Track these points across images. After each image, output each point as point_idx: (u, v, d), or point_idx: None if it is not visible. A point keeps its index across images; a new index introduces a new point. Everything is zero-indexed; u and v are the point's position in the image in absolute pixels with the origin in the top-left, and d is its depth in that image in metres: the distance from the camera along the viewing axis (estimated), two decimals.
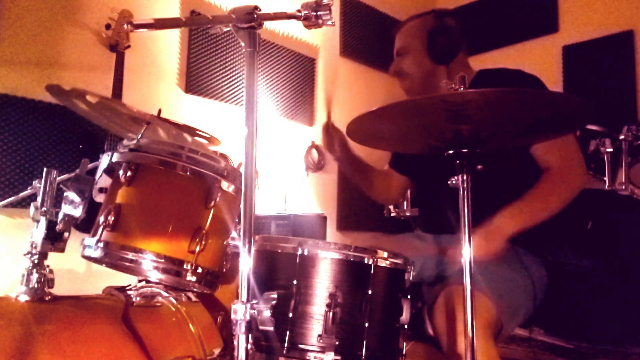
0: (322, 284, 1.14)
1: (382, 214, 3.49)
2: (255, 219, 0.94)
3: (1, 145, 2.42)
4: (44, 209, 1.21)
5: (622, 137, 2.41)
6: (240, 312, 0.89)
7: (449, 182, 1.16)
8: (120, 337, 1.14)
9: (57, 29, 2.67)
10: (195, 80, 3.20)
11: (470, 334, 1.07)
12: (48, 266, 1.20)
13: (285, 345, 1.10)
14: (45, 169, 1.25)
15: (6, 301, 1.14)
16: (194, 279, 1.20)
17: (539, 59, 3.78)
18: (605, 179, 2.36)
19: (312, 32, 3.74)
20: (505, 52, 3.98)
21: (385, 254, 1.19)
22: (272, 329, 0.97)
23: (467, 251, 1.11)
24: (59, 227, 1.22)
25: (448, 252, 1.37)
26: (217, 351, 1.28)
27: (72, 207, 1.24)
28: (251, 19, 0.97)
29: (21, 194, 1.78)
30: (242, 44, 0.99)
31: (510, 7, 4.06)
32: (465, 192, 1.13)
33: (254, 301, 0.91)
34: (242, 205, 0.94)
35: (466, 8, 4.19)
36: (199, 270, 1.21)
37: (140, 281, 1.40)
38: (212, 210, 1.23)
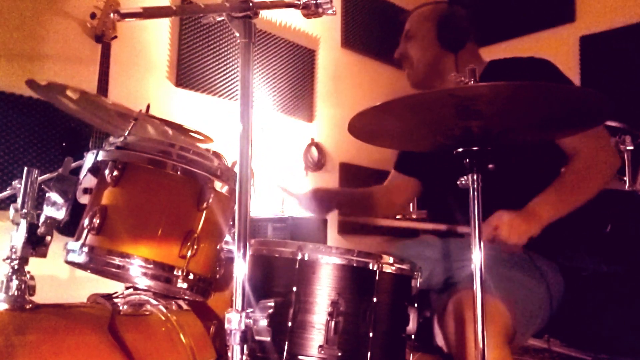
0: (324, 291, 1.13)
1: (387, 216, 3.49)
2: (251, 222, 0.94)
3: None
4: (24, 211, 1.21)
5: None
6: (234, 321, 0.89)
7: (458, 183, 1.16)
8: (106, 348, 1.14)
9: (39, 18, 2.67)
10: (187, 73, 3.20)
11: (481, 343, 1.07)
12: (29, 272, 1.20)
13: (284, 357, 1.10)
14: (25, 168, 1.25)
15: None
16: (185, 285, 1.20)
17: (555, 50, 3.78)
18: (625, 178, 2.36)
19: (312, 22, 3.74)
20: (519, 42, 3.99)
21: (391, 259, 1.18)
22: (269, 339, 0.97)
23: (477, 256, 1.11)
24: (40, 230, 1.22)
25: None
26: None
27: (55, 209, 1.24)
28: (246, 7, 0.97)
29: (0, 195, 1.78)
30: (237, 34, 0.99)
31: None
32: (476, 193, 1.13)
33: (250, 310, 0.91)
34: (236, 207, 0.94)
35: None
36: (191, 276, 1.20)
37: (127, 288, 1.40)
38: (205, 212, 1.23)
